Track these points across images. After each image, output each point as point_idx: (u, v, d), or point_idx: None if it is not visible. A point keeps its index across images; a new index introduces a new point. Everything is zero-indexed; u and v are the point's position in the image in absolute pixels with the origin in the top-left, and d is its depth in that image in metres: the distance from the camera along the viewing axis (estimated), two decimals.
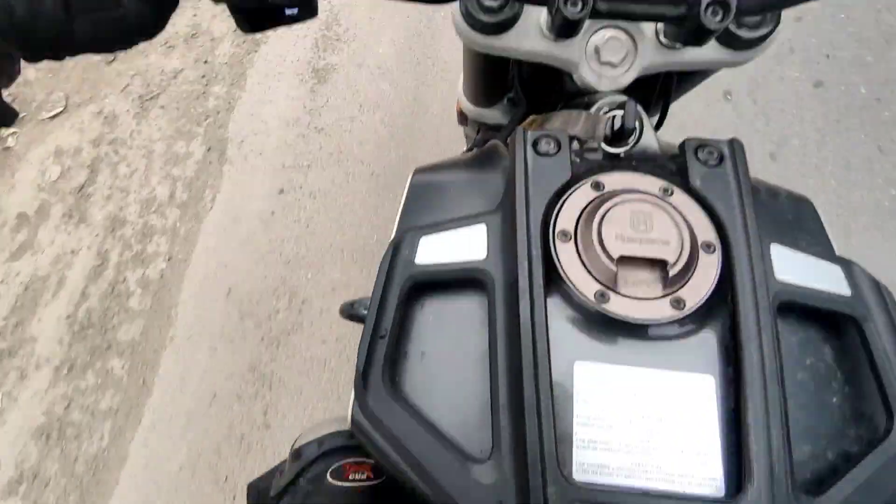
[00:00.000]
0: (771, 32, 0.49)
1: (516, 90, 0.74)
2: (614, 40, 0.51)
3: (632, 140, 0.43)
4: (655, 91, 0.66)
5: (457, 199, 0.45)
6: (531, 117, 0.58)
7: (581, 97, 0.56)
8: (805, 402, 0.35)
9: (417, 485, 0.32)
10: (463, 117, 1.00)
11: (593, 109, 0.47)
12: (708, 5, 0.38)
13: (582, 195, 0.38)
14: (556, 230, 0.37)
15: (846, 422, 0.35)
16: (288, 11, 0.37)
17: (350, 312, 0.60)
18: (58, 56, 0.33)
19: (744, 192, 0.38)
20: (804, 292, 0.36)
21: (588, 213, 0.37)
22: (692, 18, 0.40)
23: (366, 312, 0.38)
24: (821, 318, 0.37)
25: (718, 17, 0.39)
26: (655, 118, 0.73)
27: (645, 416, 0.32)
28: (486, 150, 0.52)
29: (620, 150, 0.42)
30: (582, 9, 0.39)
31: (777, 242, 0.38)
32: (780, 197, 0.45)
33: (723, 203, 0.38)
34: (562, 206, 0.38)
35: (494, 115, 0.88)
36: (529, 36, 0.51)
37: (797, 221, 0.43)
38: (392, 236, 0.43)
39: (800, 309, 0.36)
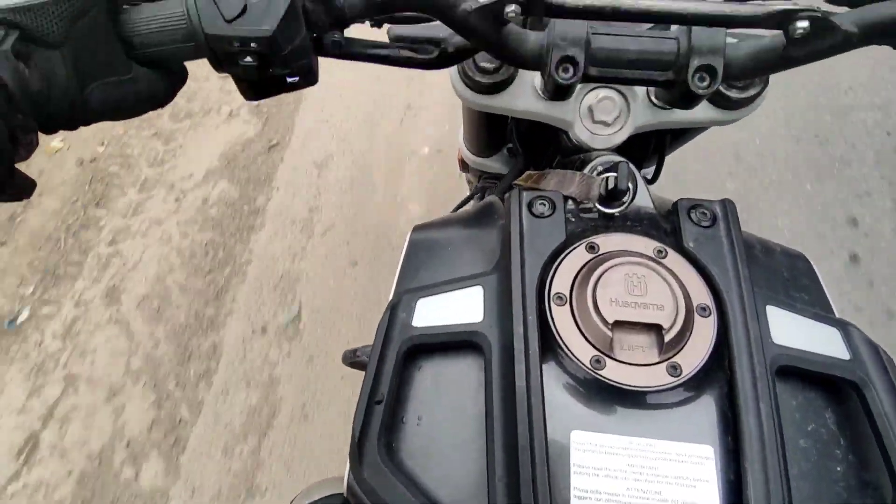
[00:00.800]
0: (760, 93, 0.50)
1: (514, 142, 0.76)
2: (607, 100, 0.52)
3: (626, 199, 0.43)
4: (650, 145, 0.67)
5: (454, 257, 0.45)
6: (527, 173, 0.59)
7: (577, 153, 0.57)
8: (808, 471, 0.34)
9: None
10: (464, 165, 1.02)
11: (587, 169, 0.48)
12: (695, 71, 0.39)
13: (577, 257, 0.39)
14: (552, 293, 0.37)
15: (851, 491, 0.34)
16: (290, 80, 0.39)
17: (352, 360, 0.60)
18: (72, 125, 0.34)
19: (737, 253, 0.38)
20: (802, 356, 0.36)
21: (583, 275, 0.37)
22: (680, 84, 0.41)
23: (367, 360, 0.38)
24: (821, 383, 0.37)
25: (706, 83, 0.40)
26: (651, 169, 0.74)
27: (643, 490, 0.32)
28: (483, 207, 0.53)
29: (615, 211, 0.43)
30: (573, 75, 0.40)
31: (773, 304, 0.38)
32: (775, 254, 0.45)
33: (717, 265, 0.38)
34: (557, 268, 0.38)
35: (494, 164, 0.90)
36: (524, 96, 0.53)
37: (793, 279, 0.43)
38: (390, 296, 0.43)
39: (799, 373, 0.36)
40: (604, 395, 0.34)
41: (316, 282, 1.56)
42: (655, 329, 0.35)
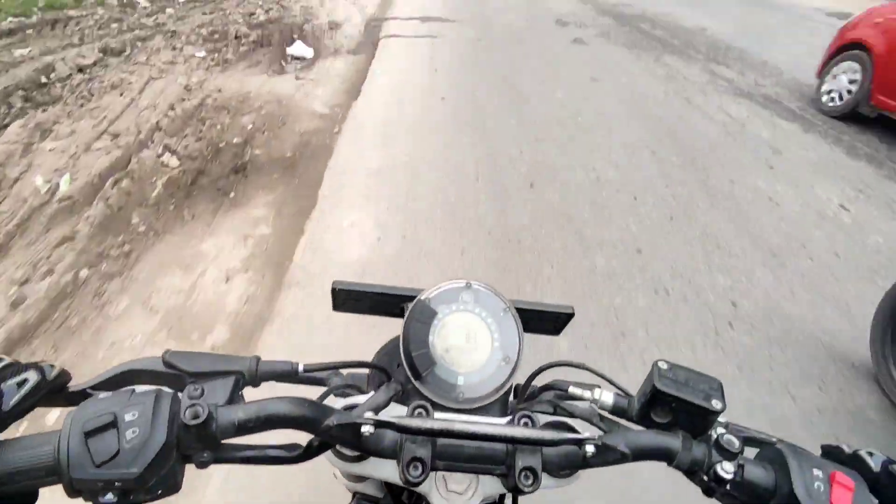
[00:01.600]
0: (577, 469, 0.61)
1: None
2: (459, 473, 0.59)
3: None
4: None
5: None
6: None
7: None
8: None
9: None
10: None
11: None
12: (521, 471, 0.48)
13: None
14: None
15: None
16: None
17: None
18: None
19: None
20: None
21: None
22: (510, 478, 0.49)
23: None
24: None
25: (530, 482, 0.48)
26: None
27: None
28: None
29: None
30: (422, 472, 0.47)
31: None
32: None
33: None
34: None
35: (367, 489, 0.90)
36: (387, 466, 0.59)
37: None
38: None
39: None
40: None
41: None
42: None
